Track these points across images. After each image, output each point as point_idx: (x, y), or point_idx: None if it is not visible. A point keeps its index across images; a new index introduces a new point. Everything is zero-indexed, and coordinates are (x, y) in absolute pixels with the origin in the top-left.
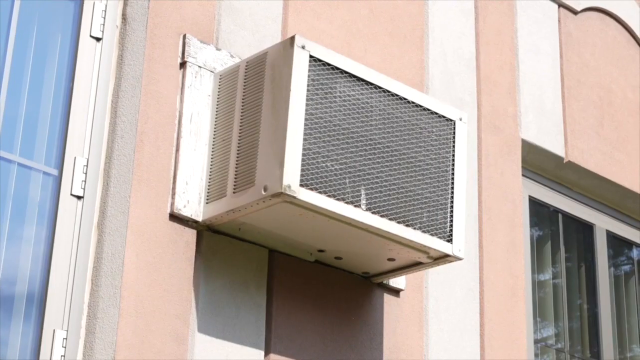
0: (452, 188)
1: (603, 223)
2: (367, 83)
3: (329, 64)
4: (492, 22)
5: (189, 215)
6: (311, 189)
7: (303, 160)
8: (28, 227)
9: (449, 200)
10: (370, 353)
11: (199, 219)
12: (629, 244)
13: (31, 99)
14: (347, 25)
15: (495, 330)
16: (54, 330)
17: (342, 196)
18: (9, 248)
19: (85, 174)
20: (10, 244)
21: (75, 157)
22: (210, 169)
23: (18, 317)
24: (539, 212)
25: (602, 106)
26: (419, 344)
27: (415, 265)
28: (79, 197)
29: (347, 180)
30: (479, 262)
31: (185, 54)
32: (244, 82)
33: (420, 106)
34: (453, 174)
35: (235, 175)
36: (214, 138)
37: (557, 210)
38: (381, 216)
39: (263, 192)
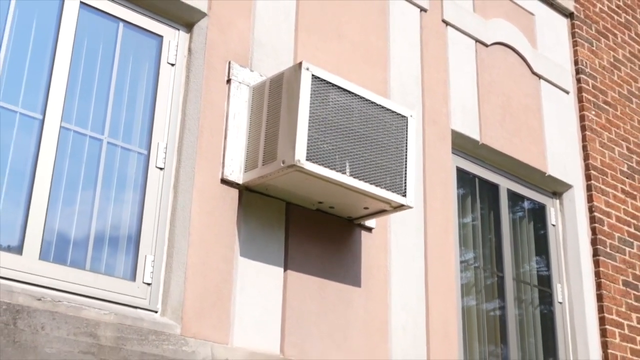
0: (406, 161)
1: (505, 184)
2: (350, 92)
3: (324, 80)
4: (432, 52)
5: (233, 180)
6: (313, 162)
7: (308, 143)
8: (127, 189)
9: (404, 169)
10: (353, 269)
11: (240, 182)
12: (522, 197)
13: (129, 105)
14: (336, 55)
15: (434, 254)
16: (145, 256)
17: (333, 167)
18: (115, 204)
19: (165, 153)
20: (116, 201)
21: (158, 142)
22: (247, 149)
23: (122, 249)
24: (463, 177)
25: (504, 107)
26: (384, 264)
27: (382, 212)
28: (161, 169)
29: (336, 157)
30: (423, 209)
31: (230, 74)
32: (269, 93)
33: (385, 107)
34: (406, 152)
35: (264, 153)
36: (249, 129)
37: (475, 176)
38: (359, 179)
39: (282, 164)
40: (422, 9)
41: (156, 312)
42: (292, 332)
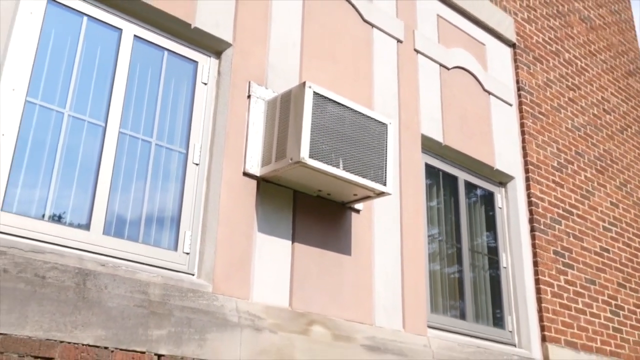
0: (386, 158)
1: (462, 175)
2: (343, 105)
3: (323, 96)
4: (406, 75)
5: (253, 173)
6: (314, 159)
7: (310, 144)
8: (171, 182)
9: (384, 164)
10: (345, 242)
11: (258, 175)
12: (475, 186)
13: (172, 114)
14: (333, 76)
15: (407, 230)
16: (185, 232)
17: (330, 162)
18: (161, 191)
19: (200, 151)
20: (162, 189)
21: (195, 144)
22: (263, 149)
23: (166, 226)
24: (430, 170)
25: (462, 117)
26: (369, 238)
27: (367, 198)
28: (196, 164)
29: (332, 155)
30: (399, 196)
31: (250, 91)
32: (280, 105)
33: (369, 117)
34: (386, 151)
35: (276, 152)
36: (265, 133)
37: (439, 170)
38: (350, 172)
39: (290, 161)
40: (399, 41)
41: (193, 275)
42: (298, 290)
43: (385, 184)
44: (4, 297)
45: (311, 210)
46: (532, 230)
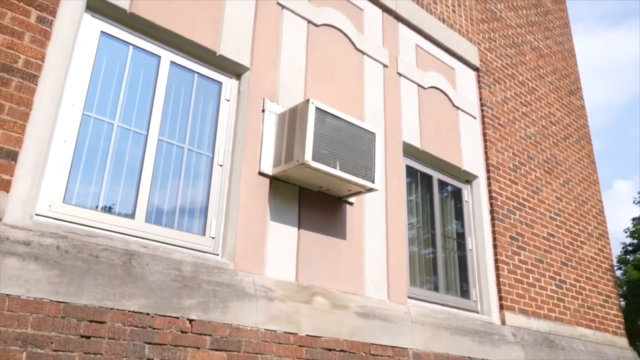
0: (374, 161)
1: (436, 175)
2: (339, 118)
3: (323, 110)
4: (390, 93)
5: (266, 173)
6: (316, 161)
7: (313, 149)
8: (200, 179)
9: (373, 166)
10: (341, 229)
11: (270, 174)
12: (446, 184)
13: (202, 125)
14: (331, 94)
15: (392, 219)
16: (211, 220)
17: (329, 164)
18: (193, 191)
19: (223, 155)
20: (193, 189)
21: (219, 149)
22: (275, 153)
23: (196, 216)
24: (410, 171)
25: (436, 127)
26: (361, 226)
27: (359, 193)
28: (220, 165)
29: (331, 158)
30: (385, 191)
31: (264, 106)
32: (288, 118)
33: (361, 127)
34: (374, 155)
35: (285, 155)
36: (276, 141)
37: (417, 170)
38: (345, 172)
39: (296, 163)
40: (385, 65)
41: (218, 255)
42: (303, 267)
43: (373, 182)
44: (65, 273)
45: (313, 203)
46: (492, 219)
